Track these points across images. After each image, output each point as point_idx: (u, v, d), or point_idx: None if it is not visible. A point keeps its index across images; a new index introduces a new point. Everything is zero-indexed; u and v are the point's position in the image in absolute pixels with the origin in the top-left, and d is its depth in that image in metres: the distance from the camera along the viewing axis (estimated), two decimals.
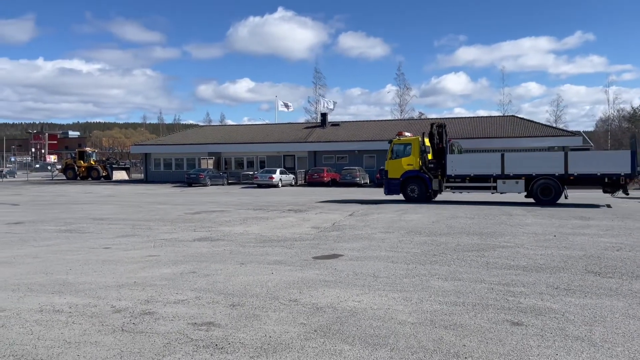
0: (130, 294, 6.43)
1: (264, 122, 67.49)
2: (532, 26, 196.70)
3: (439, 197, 22.15)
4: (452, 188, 20.74)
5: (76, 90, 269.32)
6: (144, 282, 7.12)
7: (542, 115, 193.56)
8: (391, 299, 6.11)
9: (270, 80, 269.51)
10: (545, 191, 19.28)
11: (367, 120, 54.55)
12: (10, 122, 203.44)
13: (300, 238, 11.25)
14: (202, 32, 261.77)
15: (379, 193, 26.77)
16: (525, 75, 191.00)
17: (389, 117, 67.54)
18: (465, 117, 52.90)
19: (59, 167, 61.16)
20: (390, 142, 22.06)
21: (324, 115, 51.79)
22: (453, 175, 20.40)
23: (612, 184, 18.83)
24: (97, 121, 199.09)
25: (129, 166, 57.43)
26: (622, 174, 18.48)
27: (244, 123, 79.90)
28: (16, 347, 4.60)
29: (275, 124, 58.81)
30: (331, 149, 43.76)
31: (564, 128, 54.70)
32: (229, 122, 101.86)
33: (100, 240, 11.18)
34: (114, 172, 51.80)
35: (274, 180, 36.65)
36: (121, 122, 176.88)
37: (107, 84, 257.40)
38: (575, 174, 19.03)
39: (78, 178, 50.59)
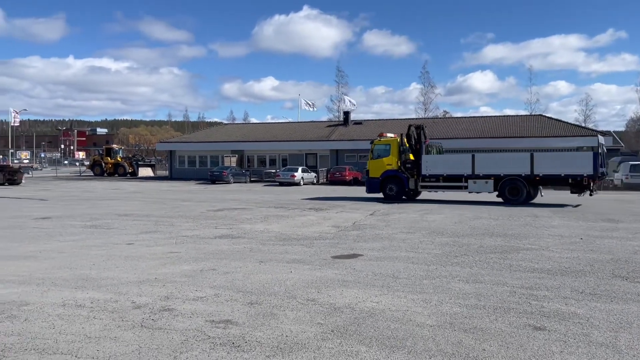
0: (150, 290, 6.50)
1: (287, 121, 67.72)
2: (562, 24, 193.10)
3: (422, 196, 22.83)
4: (426, 187, 21.35)
5: (105, 88, 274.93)
6: (165, 278, 7.19)
7: (571, 114, 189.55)
8: (410, 301, 6.03)
9: (294, 78, 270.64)
10: (512, 191, 19.55)
11: (390, 119, 54.19)
12: (41, 119, 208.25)
13: (320, 237, 11.23)
14: (227, 31, 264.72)
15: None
16: (554, 74, 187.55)
17: (413, 116, 66.97)
18: (491, 116, 52.11)
19: (87, 163, 62.45)
20: (372, 142, 22.79)
21: (346, 113, 51.61)
22: (428, 175, 20.98)
23: (576, 184, 18.94)
24: (125, 118, 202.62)
25: (154, 163, 58.28)
26: (585, 175, 18.57)
27: (267, 121, 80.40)
28: (38, 341, 4.69)
29: (298, 122, 58.91)
30: (353, 148, 43.57)
31: (594, 128, 53.40)
32: (253, 120, 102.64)
33: (124, 236, 11.35)
34: (140, 169, 52.59)
35: (295, 178, 36.73)
36: (147, 119, 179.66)
37: (135, 82, 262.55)
38: (541, 174, 19.27)
39: (105, 174, 51.56)
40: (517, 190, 19.47)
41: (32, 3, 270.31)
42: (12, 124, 73.47)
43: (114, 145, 61.79)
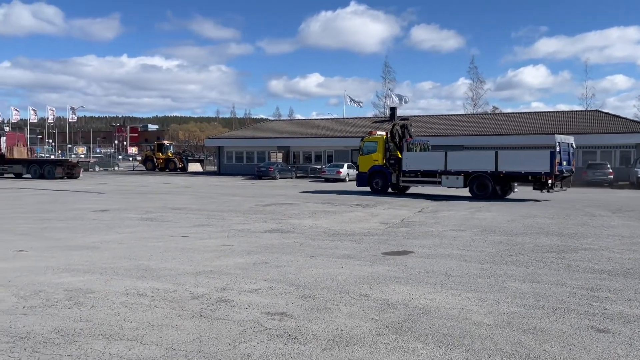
0: (207, 282, 6.69)
1: (332, 117, 67.75)
2: (620, 15, 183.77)
3: (412, 190, 24.13)
4: (406, 182, 23.07)
5: (156, 85, 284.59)
6: (220, 270, 7.38)
7: (630, 110, 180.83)
8: (465, 299, 5.95)
9: (339, 74, 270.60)
10: (480, 187, 20.85)
11: (437, 115, 53.28)
12: (96, 115, 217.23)
13: (369, 233, 11.21)
14: (274, 28, 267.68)
15: (449, 190, 26.13)
16: (612, 68, 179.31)
17: (461, 112, 65.60)
18: (544, 112, 50.29)
19: (139, 158, 64.64)
20: (362, 139, 24.84)
21: (393, 109, 51.10)
22: (407, 170, 22.74)
23: (535, 181, 19.87)
24: (174, 115, 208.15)
25: (203, 159, 59.64)
26: (543, 172, 19.48)
27: (313, 117, 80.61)
28: (105, 327, 4.92)
29: (343, 118, 58.86)
30: None
31: None
32: (298, 116, 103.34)
33: (178, 229, 11.71)
34: (189, 164, 53.99)
35: (341, 174, 36.72)
36: (196, 116, 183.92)
37: (185, 80, 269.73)
38: (504, 171, 20.40)
39: (156, 169, 53.21)
40: (484, 186, 20.74)
41: (90, 4, 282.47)
42: (69, 121, 76.80)
43: (165, 141, 63.65)
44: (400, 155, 23.04)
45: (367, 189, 24.25)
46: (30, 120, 74.55)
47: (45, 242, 9.75)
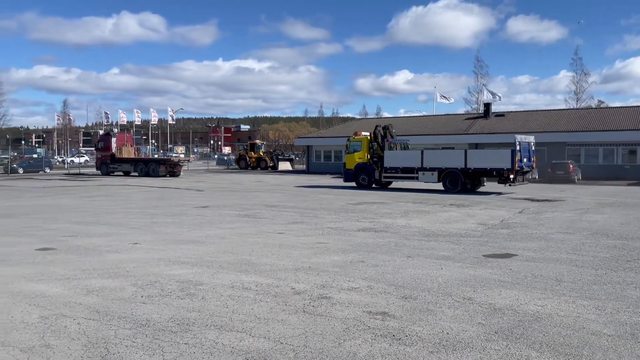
0: (306, 278, 6.81)
1: (422, 114, 66.41)
2: None
3: (393, 185, 26.13)
4: (387, 177, 25.23)
5: (249, 87, 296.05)
6: (317, 267, 7.48)
7: None
8: (580, 307, 5.54)
9: (429, 71, 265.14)
10: (452, 182, 22.87)
11: (536, 110, 50.37)
12: (193, 116, 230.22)
13: (467, 234, 10.83)
14: (363, 26, 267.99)
15: (551, 189, 24.62)
16: None
17: (563, 106, 61.50)
18: None
19: (233, 157, 67.50)
20: (348, 139, 27.72)
21: (487, 105, 49.03)
22: (388, 167, 24.95)
23: (499, 176, 22.08)
24: (265, 115, 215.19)
25: (292, 157, 61.05)
26: (505, 168, 21.70)
27: (400, 115, 79.59)
28: (215, 318, 5.17)
29: (433, 115, 57.50)
30: (495, 141, 41.19)
31: None
32: (385, 114, 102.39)
33: (274, 225, 12.06)
34: (280, 163, 55.45)
35: None
36: (285, 116, 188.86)
37: (275, 81, 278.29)
38: (472, 167, 22.60)
39: (249, 168, 55.26)
40: (455, 181, 22.78)
41: (191, 11, 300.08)
42: (169, 122, 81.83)
43: (257, 141, 65.84)
44: (382, 154, 25.32)
45: (353, 184, 26.40)
46: (135, 122, 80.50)
47: (156, 235, 10.46)
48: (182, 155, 74.56)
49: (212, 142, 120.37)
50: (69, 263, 7.70)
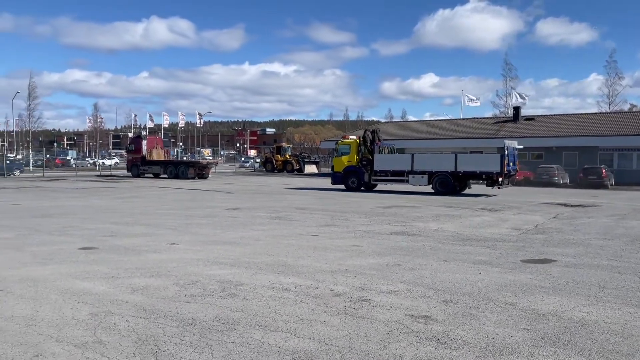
0: (344, 280, 6.85)
1: (449, 117, 65.79)
2: None
3: (378, 188, 26.53)
4: (377, 180, 25.71)
5: (274, 90, 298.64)
6: (354, 270, 7.51)
7: None
8: (627, 314, 5.44)
9: (455, 74, 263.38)
10: (442, 184, 23.64)
11: (566, 114, 49.41)
12: (219, 120, 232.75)
13: (502, 239, 10.71)
14: (389, 30, 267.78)
15: (584, 195, 24.15)
16: None
17: (594, 110, 60.08)
18: None
19: (259, 160, 67.99)
20: (336, 143, 28.51)
21: (516, 109, 48.33)
22: (378, 170, 25.45)
23: (488, 179, 23.10)
24: (290, 119, 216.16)
25: (318, 160, 61.18)
26: (494, 172, 22.67)
27: (426, 119, 78.87)
28: (259, 318, 5.25)
29: (461, 119, 56.91)
30: (525, 145, 40.61)
31: None
32: (411, 118, 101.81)
33: (306, 228, 12.13)
34: (306, 165, 55.63)
35: None
36: (310, 119, 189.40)
37: (301, 84, 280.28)
38: (462, 171, 23.45)
39: (275, 170, 55.59)
40: (445, 184, 23.56)
41: (218, 16, 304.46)
42: (197, 125, 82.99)
43: (284, 144, 66.17)
44: (371, 157, 25.74)
45: (342, 186, 26.58)
46: (164, 125, 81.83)
47: (192, 236, 10.64)
48: (210, 158, 75.48)
49: (238, 145, 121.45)
50: (112, 262, 7.90)
